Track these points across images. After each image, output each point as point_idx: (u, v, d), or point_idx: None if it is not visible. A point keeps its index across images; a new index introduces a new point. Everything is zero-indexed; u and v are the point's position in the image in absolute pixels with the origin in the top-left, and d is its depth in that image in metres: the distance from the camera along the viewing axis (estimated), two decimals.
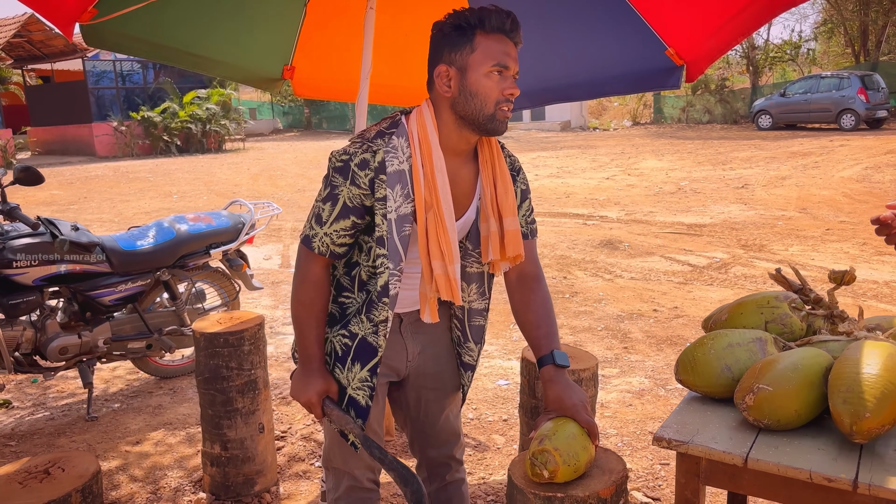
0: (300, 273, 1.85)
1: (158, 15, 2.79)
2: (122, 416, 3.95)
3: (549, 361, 1.80)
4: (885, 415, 1.37)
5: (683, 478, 1.55)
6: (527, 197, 1.95)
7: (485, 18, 1.69)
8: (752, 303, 1.78)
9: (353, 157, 1.72)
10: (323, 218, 1.76)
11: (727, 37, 2.67)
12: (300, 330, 1.86)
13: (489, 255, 1.86)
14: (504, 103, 1.72)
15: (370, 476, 2.06)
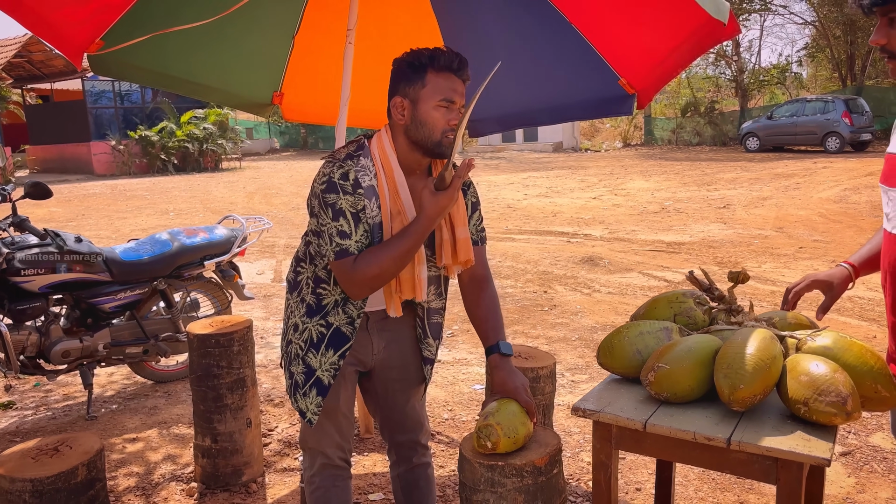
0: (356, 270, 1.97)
1: (160, 46, 3.08)
2: (119, 416, 4.22)
3: (495, 350, 2.09)
4: (757, 386, 1.66)
5: (599, 443, 1.83)
6: (477, 208, 2.25)
7: (435, 58, 1.97)
8: (664, 299, 2.09)
9: (333, 174, 1.99)
10: (347, 232, 1.98)
11: (669, 68, 2.98)
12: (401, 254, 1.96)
13: (443, 260, 2.16)
14: (449, 132, 2.01)
15: (341, 455, 2.33)
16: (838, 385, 1.61)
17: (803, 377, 1.66)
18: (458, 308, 6.19)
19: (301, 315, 2.22)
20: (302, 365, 2.21)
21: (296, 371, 2.23)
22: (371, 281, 1.99)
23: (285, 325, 2.32)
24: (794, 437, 1.61)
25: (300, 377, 2.21)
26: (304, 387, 2.20)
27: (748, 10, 29.20)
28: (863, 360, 1.71)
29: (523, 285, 7.32)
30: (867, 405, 1.71)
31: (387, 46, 3.46)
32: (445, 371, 4.88)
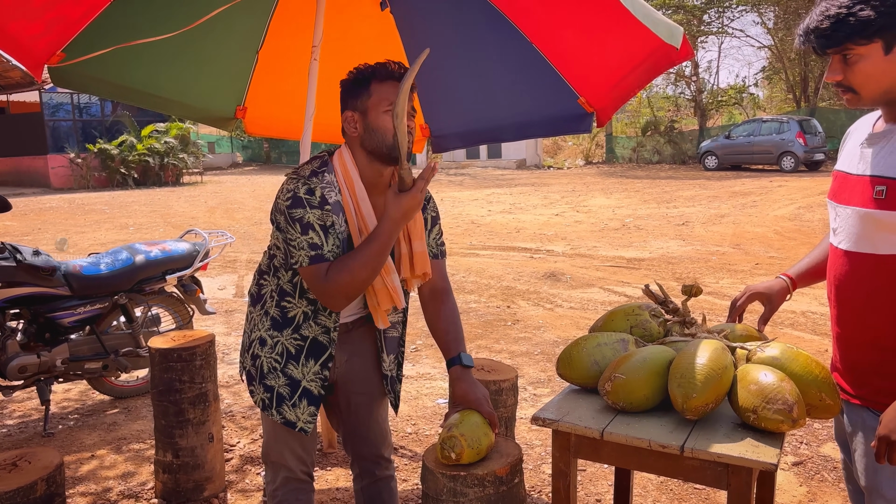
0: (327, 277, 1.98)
1: (123, 59, 3.08)
2: (77, 433, 4.15)
3: (456, 362, 2.12)
4: (709, 395, 1.72)
5: (558, 452, 1.88)
6: (436, 223, 2.30)
7: (377, 70, 2.05)
8: (621, 311, 2.15)
9: (297, 190, 2.02)
10: (318, 243, 2.00)
11: (626, 89, 3.07)
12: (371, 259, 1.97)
13: (402, 272, 2.19)
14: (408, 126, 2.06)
15: (303, 468, 2.34)
16: (785, 393, 1.68)
17: (752, 386, 1.72)
18: (421, 323, 6.21)
19: (266, 329, 2.23)
20: (283, 377, 2.21)
21: (276, 384, 2.22)
22: (345, 289, 1.99)
23: (247, 338, 2.31)
24: (743, 444, 1.67)
25: (284, 390, 2.21)
26: (293, 398, 2.21)
27: (706, 33, 29.95)
28: (808, 369, 1.79)
29: (487, 300, 7.38)
30: (812, 413, 1.78)
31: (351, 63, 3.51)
32: (409, 386, 4.89)
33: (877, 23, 1.56)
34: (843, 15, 1.58)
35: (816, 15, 1.65)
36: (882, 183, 1.64)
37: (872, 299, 1.72)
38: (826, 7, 1.62)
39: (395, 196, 1.96)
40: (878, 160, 1.69)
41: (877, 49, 1.60)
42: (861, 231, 1.73)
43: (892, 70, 1.61)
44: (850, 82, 1.65)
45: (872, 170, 1.68)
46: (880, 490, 1.73)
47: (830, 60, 1.68)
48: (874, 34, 1.58)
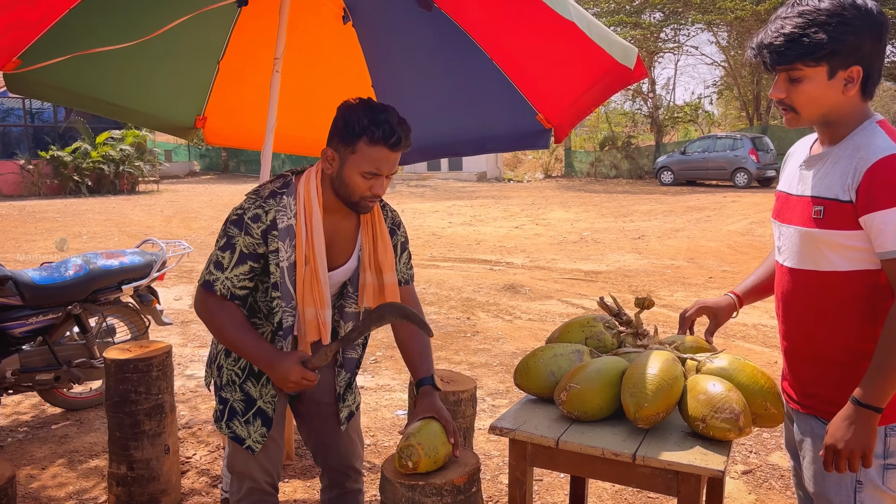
0: (206, 309, 2.07)
1: (81, 67, 3.06)
2: (27, 445, 4.07)
3: (429, 382, 2.16)
4: (660, 404, 1.78)
5: (514, 460, 1.92)
6: (406, 248, 2.32)
7: (371, 130, 1.94)
8: (576, 323, 2.21)
9: (247, 211, 2.03)
10: (224, 265, 2.04)
11: (582, 106, 3.15)
12: (240, 345, 2.04)
13: (364, 303, 2.22)
14: (369, 199, 2.04)
15: (268, 479, 2.33)
16: (732, 403, 1.75)
17: (701, 396, 1.79)
18: (381, 335, 6.22)
19: None
20: (240, 392, 2.23)
21: (232, 398, 2.24)
22: (207, 326, 2.08)
23: (214, 349, 2.33)
24: (692, 452, 1.73)
25: (239, 404, 2.23)
26: (247, 415, 2.23)
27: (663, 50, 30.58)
28: (754, 380, 1.86)
29: (447, 312, 7.41)
30: (758, 421, 1.85)
31: (313, 76, 3.54)
32: (368, 397, 4.90)
33: (827, 47, 1.65)
34: (797, 35, 1.67)
35: (772, 31, 1.72)
36: (820, 203, 1.74)
37: (815, 314, 1.81)
38: (782, 24, 1.70)
39: (293, 364, 1.96)
40: (816, 181, 1.78)
41: (821, 73, 1.68)
42: (803, 249, 1.81)
43: (832, 94, 1.70)
44: (792, 101, 1.74)
45: (811, 191, 1.77)
46: (827, 495, 1.81)
47: (777, 78, 1.76)
48: (822, 58, 1.67)
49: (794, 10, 1.70)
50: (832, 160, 1.76)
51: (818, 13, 1.66)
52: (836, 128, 1.77)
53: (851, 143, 1.73)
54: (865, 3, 1.68)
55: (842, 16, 1.65)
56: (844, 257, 1.73)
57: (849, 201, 1.68)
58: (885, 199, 1.61)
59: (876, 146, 1.67)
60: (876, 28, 1.67)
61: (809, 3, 1.69)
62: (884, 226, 1.61)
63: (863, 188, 1.64)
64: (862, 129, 1.74)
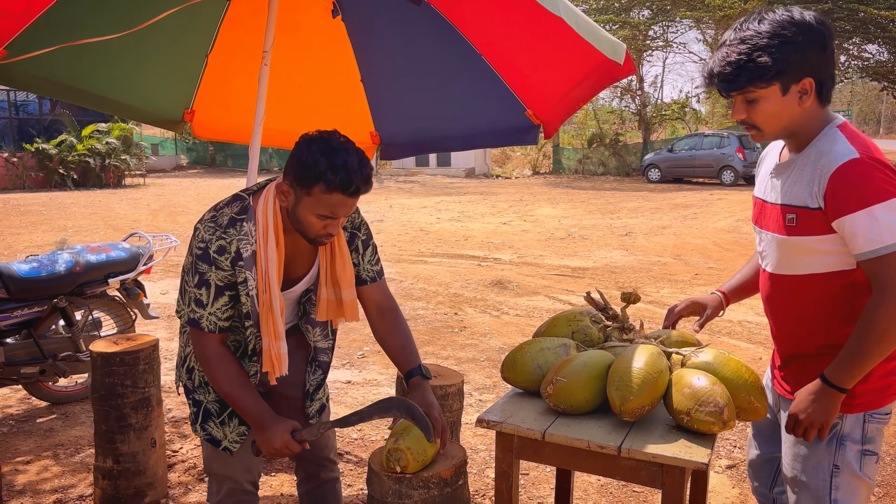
0: (203, 355, 2.05)
1: (68, 59, 3.03)
2: (12, 439, 4.04)
3: (417, 373, 2.16)
4: (645, 398, 1.80)
5: (501, 453, 1.94)
6: (368, 245, 2.26)
7: (328, 177, 1.83)
8: (563, 317, 2.22)
9: (210, 244, 1.96)
10: (203, 301, 2.00)
11: (571, 102, 3.17)
12: (235, 401, 2.02)
13: (320, 316, 2.20)
14: (324, 237, 1.98)
15: (249, 478, 2.32)
16: (716, 396, 1.77)
17: (686, 389, 1.81)
18: (368, 329, 6.22)
19: None
20: (213, 394, 2.20)
21: (205, 399, 2.22)
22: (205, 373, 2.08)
23: (182, 352, 2.30)
24: (677, 445, 1.76)
25: (213, 405, 2.22)
26: (222, 415, 2.21)
27: (651, 48, 30.69)
28: (739, 374, 1.88)
29: (434, 307, 7.42)
30: (742, 415, 1.88)
31: (302, 70, 3.54)
32: (355, 391, 4.90)
33: (773, 68, 1.72)
34: (743, 61, 1.74)
35: (719, 60, 1.79)
36: (791, 211, 1.81)
37: (798, 316, 1.91)
38: (727, 53, 1.77)
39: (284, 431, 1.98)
40: (785, 190, 1.85)
41: (775, 91, 1.75)
42: (780, 255, 1.89)
43: (789, 109, 1.77)
44: (753, 120, 1.81)
45: (783, 199, 1.84)
46: (804, 479, 1.88)
47: (735, 101, 1.83)
48: (771, 79, 1.73)
49: (737, 37, 1.77)
50: (798, 168, 1.83)
51: (759, 37, 1.73)
52: (800, 137, 1.84)
53: (814, 150, 1.80)
54: (803, 18, 1.74)
55: (782, 35, 1.72)
56: (821, 260, 1.80)
57: (818, 208, 1.75)
58: (851, 204, 1.68)
59: (836, 153, 1.73)
60: (818, 39, 1.73)
61: (750, 28, 1.76)
62: (854, 229, 1.69)
63: (829, 195, 1.72)
64: (823, 135, 1.80)
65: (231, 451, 2.21)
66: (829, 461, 1.84)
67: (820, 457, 1.85)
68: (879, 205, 1.66)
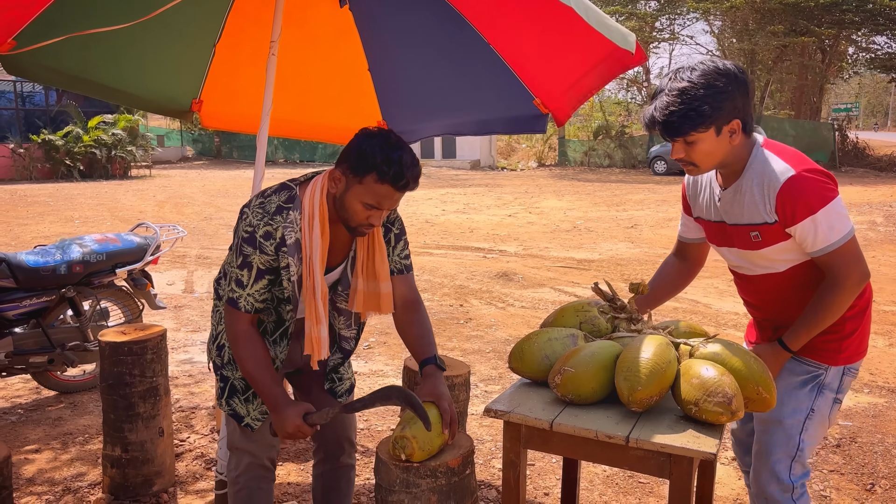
0: (234, 334, 2.12)
1: (77, 49, 3.04)
2: (21, 427, 4.07)
3: (432, 362, 2.18)
4: (653, 388, 1.80)
5: (509, 443, 1.94)
6: (401, 239, 2.32)
7: (383, 169, 1.95)
8: (571, 308, 2.22)
9: (257, 229, 2.05)
10: (244, 282, 2.09)
11: (580, 91, 3.15)
12: (255, 381, 2.10)
13: (354, 307, 2.24)
14: (365, 227, 2.07)
15: (269, 455, 2.38)
16: (725, 387, 1.77)
17: (694, 380, 1.81)
18: (374, 321, 6.24)
19: None
20: (240, 371, 2.24)
21: (232, 376, 2.29)
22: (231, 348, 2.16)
23: (214, 330, 2.37)
24: (685, 435, 1.76)
25: (239, 383, 2.28)
26: (247, 393, 2.27)
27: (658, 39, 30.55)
28: (747, 365, 1.88)
29: (440, 299, 7.43)
30: (750, 406, 1.87)
31: (310, 59, 3.53)
32: (362, 382, 4.92)
33: (711, 116, 1.98)
34: (684, 111, 1.98)
35: (661, 108, 2.02)
36: (755, 229, 2.11)
37: (781, 297, 2.24)
38: (667, 103, 2.00)
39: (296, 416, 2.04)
40: (740, 212, 2.13)
41: (711, 134, 2.02)
42: (756, 263, 2.20)
43: (722, 147, 2.05)
44: (691, 159, 2.07)
45: (744, 220, 2.13)
46: (781, 419, 2.18)
47: (673, 144, 2.07)
48: (709, 124, 2.00)
49: (675, 87, 2.00)
50: (743, 192, 2.11)
51: (695, 88, 1.97)
52: (732, 166, 2.12)
53: (751, 173, 2.09)
54: (727, 69, 2.01)
55: (715, 86, 1.97)
56: (790, 258, 2.13)
57: (775, 222, 2.05)
58: (799, 214, 2.00)
59: (775, 172, 2.03)
60: (742, 87, 2.01)
61: (684, 78, 2.00)
62: (805, 233, 2.02)
63: (779, 209, 2.03)
64: (754, 158, 2.09)
65: (253, 427, 2.27)
66: (808, 405, 2.18)
67: (801, 401, 2.18)
68: (822, 210, 1.99)
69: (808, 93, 31.09)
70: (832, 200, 2.00)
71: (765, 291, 2.26)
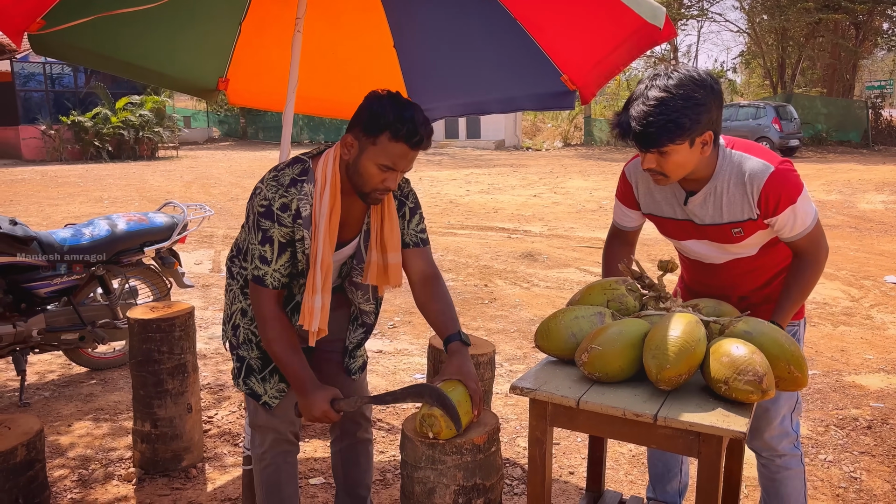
0: (262, 313, 2.12)
1: (104, 28, 3.05)
2: (53, 403, 4.15)
3: (456, 338, 2.17)
4: (682, 366, 1.78)
5: (534, 420, 1.93)
6: (416, 213, 2.31)
7: (396, 127, 1.95)
8: (598, 286, 2.20)
9: (273, 201, 2.05)
10: (268, 258, 2.08)
11: (608, 67, 3.10)
12: (283, 363, 2.10)
13: (368, 280, 2.24)
14: (380, 192, 2.06)
15: (293, 430, 2.40)
16: (755, 365, 1.74)
17: (724, 358, 1.78)
18: (399, 300, 6.26)
19: (247, 302, 2.28)
20: (256, 350, 2.29)
21: (248, 355, 2.30)
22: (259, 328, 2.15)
23: (228, 310, 2.38)
24: (714, 414, 1.73)
25: (255, 362, 2.30)
26: (263, 372, 2.29)
27: (686, 16, 30.03)
28: (778, 343, 1.85)
29: (464, 279, 7.42)
30: (781, 385, 1.85)
31: (335, 36, 3.51)
32: (387, 361, 4.94)
33: (690, 128, 1.96)
34: (663, 122, 1.94)
35: (638, 118, 1.98)
36: (737, 226, 2.17)
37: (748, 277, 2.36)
38: (647, 111, 1.96)
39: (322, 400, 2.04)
40: (718, 212, 2.17)
41: (685, 146, 2.00)
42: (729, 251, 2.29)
43: (694, 158, 2.05)
44: (662, 169, 2.06)
45: (725, 219, 2.17)
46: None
47: (645, 154, 2.05)
48: (686, 136, 1.97)
49: (652, 97, 1.96)
50: (718, 193, 2.14)
51: (674, 99, 1.94)
52: (697, 174, 2.13)
53: (725, 174, 2.13)
54: (703, 79, 2.00)
55: (693, 98, 1.95)
56: (762, 241, 2.24)
57: (756, 216, 2.12)
58: (782, 205, 2.08)
59: (755, 170, 2.08)
60: (718, 98, 2.03)
61: (661, 87, 1.96)
62: (784, 222, 2.12)
63: (762, 203, 2.09)
64: (722, 159, 2.13)
65: (270, 406, 2.29)
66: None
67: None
68: (799, 198, 2.08)
69: (840, 70, 30.42)
70: (804, 189, 2.12)
71: (726, 275, 2.37)
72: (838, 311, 6.21)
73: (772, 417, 2.38)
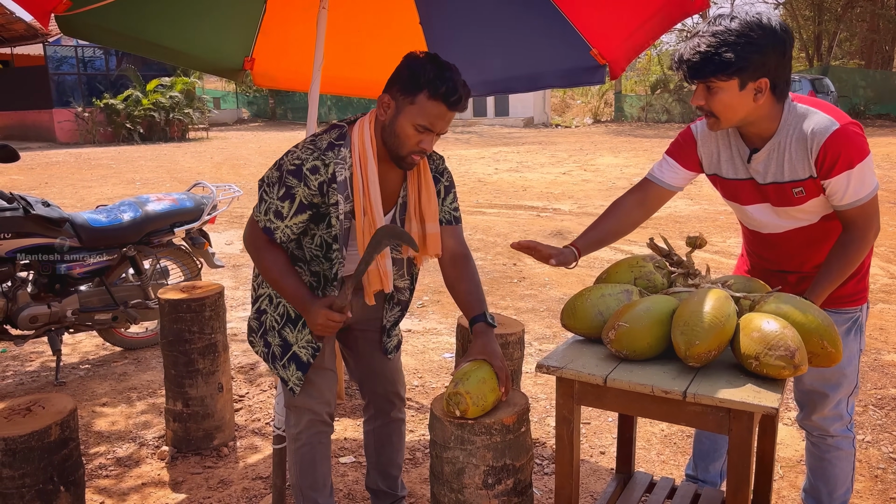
0: (255, 249, 2.15)
1: (130, 8, 3.06)
2: (88, 382, 4.23)
3: (482, 319, 2.17)
4: (711, 342, 1.74)
5: (562, 399, 1.91)
6: (450, 191, 2.32)
7: (435, 85, 1.95)
8: (625, 263, 2.17)
9: (306, 162, 2.05)
10: (283, 213, 2.08)
11: (639, 40, 3.04)
12: (280, 286, 2.13)
13: (409, 252, 2.23)
14: (416, 154, 2.05)
15: (328, 410, 2.40)
16: (787, 340, 1.70)
17: (755, 334, 1.74)
18: (428, 280, 6.25)
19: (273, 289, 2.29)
20: (279, 338, 2.30)
21: (273, 342, 2.32)
22: (254, 261, 2.18)
23: (255, 293, 2.39)
24: (745, 390, 1.70)
25: (277, 349, 2.31)
26: (283, 359, 2.30)
27: None
28: (811, 318, 1.81)
29: (493, 258, 7.40)
30: (814, 361, 1.80)
31: (361, 13, 3.48)
32: (416, 340, 4.95)
33: (735, 65, 1.91)
34: (710, 54, 1.92)
35: (689, 49, 1.98)
36: (798, 185, 2.08)
37: (809, 248, 2.25)
38: (697, 43, 1.95)
39: (322, 307, 2.02)
40: (780, 170, 2.09)
41: (733, 85, 1.95)
42: (792, 216, 2.18)
43: (744, 103, 1.98)
44: (710, 108, 2.01)
45: (786, 177, 2.09)
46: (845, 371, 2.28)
47: (697, 87, 2.02)
48: (732, 74, 1.93)
49: (709, 30, 1.95)
50: (782, 149, 2.06)
51: (728, 34, 1.91)
52: (758, 127, 2.07)
53: (788, 130, 2.04)
54: (769, 22, 1.93)
55: (748, 36, 1.90)
56: (824, 210, 2.14)
57: (816, 175, 2.04)
58: (839, 167, 1.98)
59: (819, 126, 1.98)
60: (779, 45, 1.94)
61: (722, 24, 1.94)
62: (839, 186, 2.01)
63: (819, 161, 2.00)
64: (787, 114, 2.04)
65: (294, 391, 2.30)
66: (857, 348, 2.31)
67: (851, 347, 2.28)
68: (858, 165, 1.98)
69: (879, 41, 29.58)
70: (867, 156, 2.02)
71: (785, 247, 2.28)
72: (877, 289, 6.07)
73: (829, 402, 2.35)
